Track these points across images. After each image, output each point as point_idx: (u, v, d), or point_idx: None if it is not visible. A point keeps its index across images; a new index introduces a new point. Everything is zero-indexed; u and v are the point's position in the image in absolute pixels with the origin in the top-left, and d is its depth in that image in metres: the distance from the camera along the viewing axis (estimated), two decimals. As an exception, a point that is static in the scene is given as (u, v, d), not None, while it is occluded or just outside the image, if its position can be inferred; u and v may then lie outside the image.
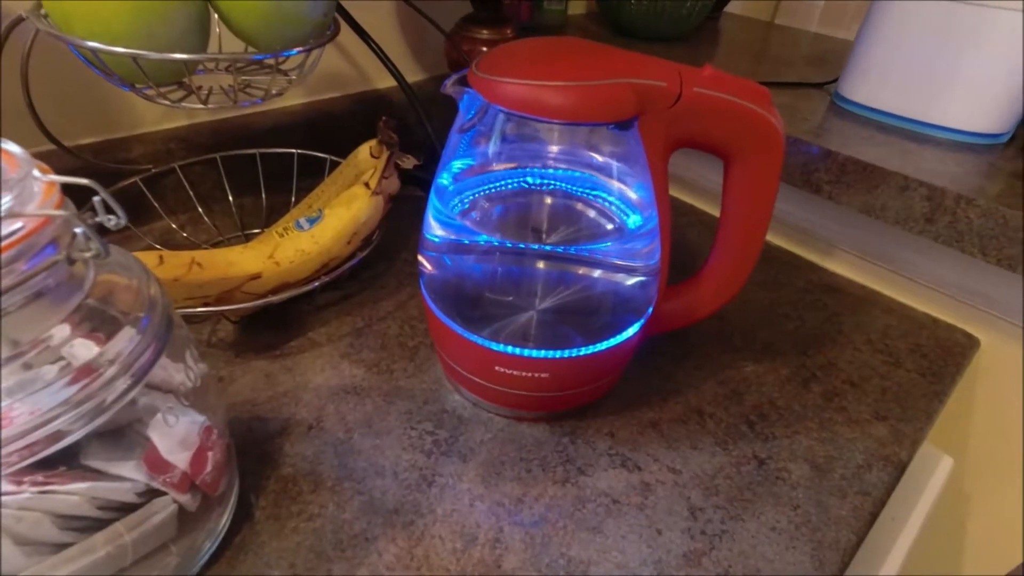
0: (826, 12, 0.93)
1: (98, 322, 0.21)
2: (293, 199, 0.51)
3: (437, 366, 0.39)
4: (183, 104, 0.33)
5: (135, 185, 0.46)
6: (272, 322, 0.41)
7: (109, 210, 0.20)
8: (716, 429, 0.36)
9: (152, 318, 0.22)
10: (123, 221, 0.19)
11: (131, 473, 0.22)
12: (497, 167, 0.32)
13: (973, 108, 0.46)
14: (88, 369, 0.21)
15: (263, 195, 0.52)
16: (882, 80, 0.49)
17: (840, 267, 0.52)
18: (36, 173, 0.18)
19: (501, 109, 0.26)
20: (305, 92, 0.57)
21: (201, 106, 0.33)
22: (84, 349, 0.21)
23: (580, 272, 0.31)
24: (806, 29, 0.88)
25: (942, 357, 0.43)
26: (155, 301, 0.23)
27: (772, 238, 0.56)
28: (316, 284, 0.39)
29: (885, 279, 0.50)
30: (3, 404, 0.18)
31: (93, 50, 0.29)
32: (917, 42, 0.46)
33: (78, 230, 0.18)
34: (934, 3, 0.44)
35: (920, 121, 0.48)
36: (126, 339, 0.21)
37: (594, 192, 0.32)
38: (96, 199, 0.19)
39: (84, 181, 0.18)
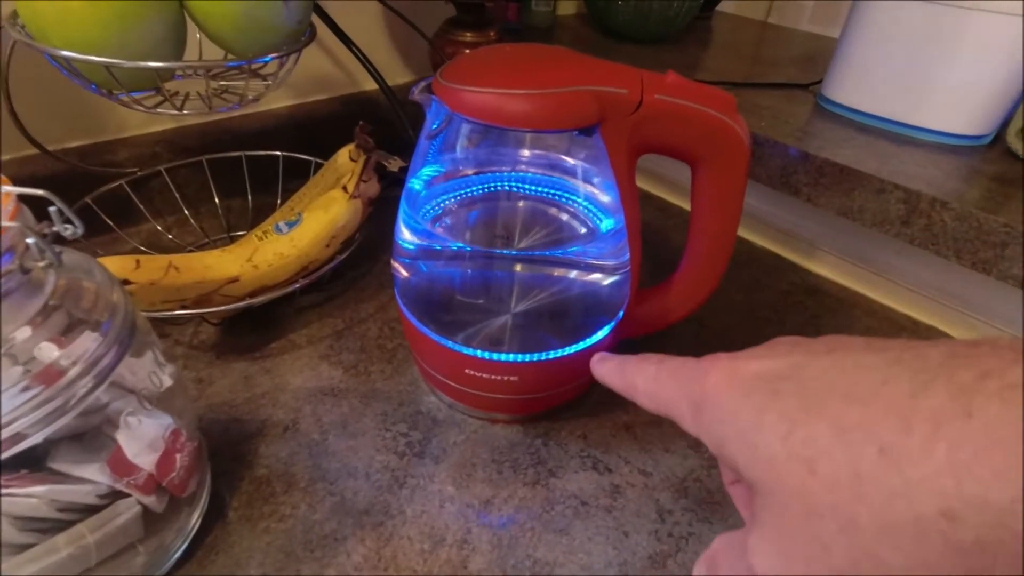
0: (816, 11, 0.93)
1: (60, 325, 0.22)
2: (279, 201, 0.52)
3: (414, 368, 0.39)
4: (158, 110, 0.34)
5: (121, 188, 0.47)
6: (253, 324, 0.41)
7: (68, 220, 0.20)
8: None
9: (114, 322, 0.23)
10: (80, 231, 0.20)
11: (94, 475, 0.23)
12: (465, 172, 0.32)
13: (954, 110, 0.46)
14: (49, 371, 0.21)
15: (249, 197, 0.52)
16: (864, 81, 0.49)
17: (823, 268, 0.52)
18: (-9, 184, 0.19)
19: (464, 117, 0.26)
20: (291, 94, 0.58)
21: (177, 112, 0.33)
22: (46, 352, 0.21)
23: (548, 275, 0.31)
24: (798, 28, 0.88)
25: (920, 359, 0.43)
26: (117, 305, 0.23)
27: (756, 239, 0.56)
28: (295, 287, 0.40)
29: (867, 281, 0.50)
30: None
31: (66, 59, 0.29)
32: (898, 43, 0.46)
33: (30, 240, 0.18)
34: (915, 4, 0.44)
35: (902, 123, 0.48)
36: (88, 342, 0.22)
37: (562, 195, 0.33)
38: (52, 209, 0.19)
39: (39, 192, 0.18)
